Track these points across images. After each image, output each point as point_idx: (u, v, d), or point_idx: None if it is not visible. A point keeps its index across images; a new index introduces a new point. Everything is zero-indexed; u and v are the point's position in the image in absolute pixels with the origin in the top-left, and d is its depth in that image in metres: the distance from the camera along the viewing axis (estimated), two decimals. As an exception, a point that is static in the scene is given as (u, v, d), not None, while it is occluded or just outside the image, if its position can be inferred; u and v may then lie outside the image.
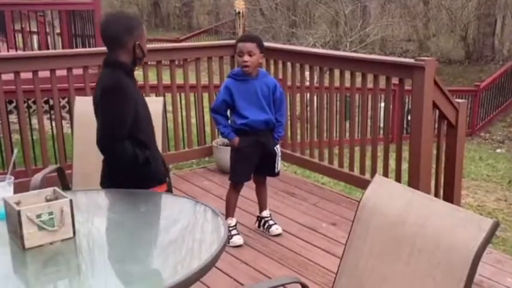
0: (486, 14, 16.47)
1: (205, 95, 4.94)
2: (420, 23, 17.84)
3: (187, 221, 2.12)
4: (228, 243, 3.25)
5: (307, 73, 4.46)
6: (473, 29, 17.17)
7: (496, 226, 1.60)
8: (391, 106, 3.93)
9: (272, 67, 4.63)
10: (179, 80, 4.68)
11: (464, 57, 16.88)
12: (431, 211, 1.74)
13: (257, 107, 3.22)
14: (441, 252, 1.64)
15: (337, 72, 4.15)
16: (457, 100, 3.85)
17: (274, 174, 3.43)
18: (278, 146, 3.38)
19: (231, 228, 3.33)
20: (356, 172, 4.15)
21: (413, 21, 17.61)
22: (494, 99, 12.67)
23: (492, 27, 16.77)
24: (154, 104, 3.21)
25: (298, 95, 4.89)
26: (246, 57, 3.13)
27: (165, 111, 3.42)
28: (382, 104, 4.10)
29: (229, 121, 3.35)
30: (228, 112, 3.36)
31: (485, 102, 12.40)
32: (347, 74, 4.10)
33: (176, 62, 4.72)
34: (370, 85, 4.01)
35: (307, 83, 4.51)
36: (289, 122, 4.65)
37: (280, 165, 3.44)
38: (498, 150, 10.98)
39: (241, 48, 3.15)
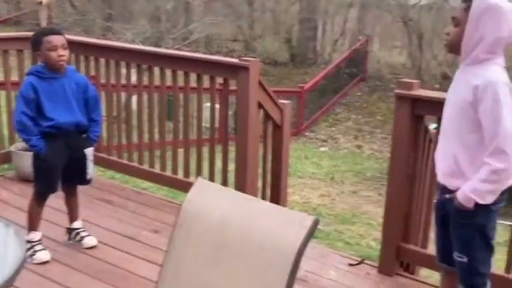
0: (308, 19, 17.88)
1: (2, 93, 4.57)
2: (245, 23, 18.69)
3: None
4: (32, 260, 3.08)
5: (124, 70, 4.38)
6: (296, 32, 18.52)
7: (316, 223, 1.72)
8: (216, 106, 4.05)
9: (83, 64, 4.46)
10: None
11: (289, 59, 18.10)
12: (255, 212, 1.81)
13: (66, 107, 3.08)
14: (265, 253, 1.71)
15: (157, 71, 4.15)
16: (282, 101, 4.11)
17: (85, 181, 3.30)
18: (91, 149, 3.26)
19: (35, 243, 3.14)
20: (180, 175, 4.18)
21: (238, 21, 18.38)
22: (317, 100, 13.85)
23: (314, 31, 18.28)
24: None
25: (114, 94, 4.77)
26: (62, 51, 3.01)
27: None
28: (208, 104, 4.20)
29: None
30: None
31: (309, 103, 13.48)
32: (168, 72, 4.11)
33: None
34: (194, 84, 4.08)
35: (124, 81, 4.43)
36: (105, 124, 4.52)
37: (92, 171, 3.32)
38: (322, 149, 12.02)
39: (54, 42, 2.99)
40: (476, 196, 2.18)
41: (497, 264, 3.35)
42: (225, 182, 3.94)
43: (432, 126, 3.26)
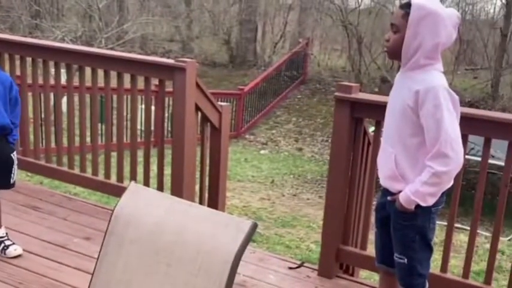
0: (247, 20, 18.02)
1: None
2: (183, 23, 18.60)
3: None
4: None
5: (52, 70, 4.26)
6: (236, 34, 18.61)
7: (254, 227, 1.73)
8: (152, 108, 4.00)
9: (8, 62, 4.31)
10: None
11: (229, 61, 18.16)
12: (190, 217, 1.80)
13: None
14: (201, 259, 1.71)
15: (88, 71, 4.06)
16: (220, 103, 4.11)
17: (9, 185, 3.19)
18: (15, 152, 3.15)
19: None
20: (113, 180, 4.11)
21: (175, 21, 18.26)
22: (257, 103, 13.95)
23: (253, 33, 18.42)
24: None
25: (42, 95, 4.63)
26: None
27: None
28: (142, 106, 4.15)
29: None
30: None
31: (249, 106, 13.57)
32: (101, 73, 4.03)
33: None
34: (128, 85, 4.02)
35: (53, 82, 4.31)
36: (32, 126, 4.38)
37: (16, 175, 3.21)
38: (262, 152, 12.12)
39: None
40: (417, 198, 2.25)
41: (433, 264, 3.48)
42: (161, 187, 3.89)
43: (371, 129, 3.34)
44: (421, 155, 2.27)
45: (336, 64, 17.39)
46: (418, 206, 2.28)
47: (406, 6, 2.23)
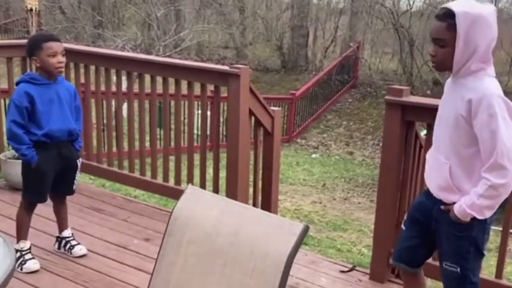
0: (299, 26, 17.98)
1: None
2: (237, 30, 18.74)
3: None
4: (21, 269, 3.06)
5: (114, 78, 4.37)
6: (288, 39, 18.59)
7: (306, 230, 1.73)
8: (208, 113, 4.05)
9: (73, 71, 4.45)
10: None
11: (281, 66, 18.16)
12: (245, 219, 1.81)
13: (60, 115, 3.06)
14: (255, 260, 1.71)
15: (147, 78, 4.15)
16: (272, 108, 4.12)
17: (71, 192, 3.29)
18: (80, 159, 3.26)
19: (24, 253, 3.12)
20: (171, 183, 4.17)
21: (229, 29, 18.41)
22: (309, 107, 13.89)
23: (305, 38, 18.36)
24: None
25: (104, 101, 4.77)
26: (62, 58, 3.00)
27: None
28: (199, 111, 4.20)
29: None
30: None
31: (300, 110, 13.52)
32: (159, 80, 4.11)
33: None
34: (185, 91, 4.08)
35: (114, 89, 4.42)
36: (95, 132, 4.50)
37: (78, 180, 3.30)
38: (313, 156, 12.05)
39: (54, 48, 2.97)
40: (473, 211, 2.17)
41: (488, 270, 3.38)
42: (216, 190, 3.93)
43: (423, 133, 3.27)
44: (477, 165, 2.18)
45: (387, 67, 17.09)
46: (474, 218, 2.20)
47: (448, 17, 2.14)
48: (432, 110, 2.81)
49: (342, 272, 3.38)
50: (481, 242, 2.28)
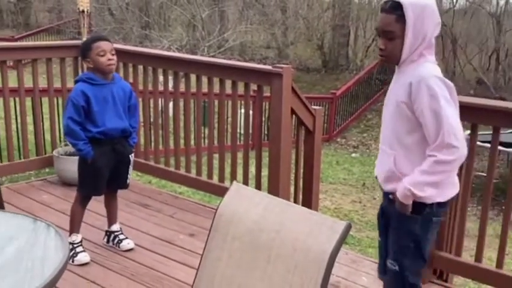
0: (340, 25, 17.82)
1: (45, 100, 4.69)
2: (279, 30, 18.72)
3: (25, 239, 1.98)
4: (72, 261, 3.14)
5: (161, 77, 4.43)
6: (329, 39, 18.46)
7: (348, 228, 1.71)
8: (250, 112, 4.07)
9: (122, 70, 4.54)
10: (12, 84, 4.37)
11: (321, 66, 18.05)
12: (288, 216, 1.81)
13: (114, 113, 3.14)
14: (298, 257, 1.71)
15: (193, 77, 4.19)
16: (314, 107, 4.10)
17: (125, 186, 3.36)
18: (133, 154, 3.32)
19: (75, 245, 3.20)
20: (215, 180, 4.21)
21: (271, 29, 18.41)
22: (349, 107, 13.76)
23: (346, 37, 18.19)
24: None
25: (151, 100, 4.84)
26: (111, 56, 3.08)
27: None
28: (242, 110, 4.22)
29: None
30: None
31: (341, 110, 13.41)
32: (204, 79, 4.15)
33: (11, 63, 4.39)
34: (229, 91, 4.11)
35: (161, 88, 4.49)
36: (142, 129, 4.58)
37: (131, 175, 3.37)
38: (353, 155, 11.92)
39: (103, 47, 3.06)
40: (414, 188, 2.07)
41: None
42: (258, 187, 3.94)
43: (466, 133, 3.19)
44: (421, 154, 2.11)
45: (429, 67, 16.73)
46: (418, 211, 2.12)
47: (395, 9, 2.08)
48: (476, 110, 2.76)
49: (383, 271, 3.34)
50: (423, 241, 2.20)
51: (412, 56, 2.12)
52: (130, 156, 3.28)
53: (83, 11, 5.00)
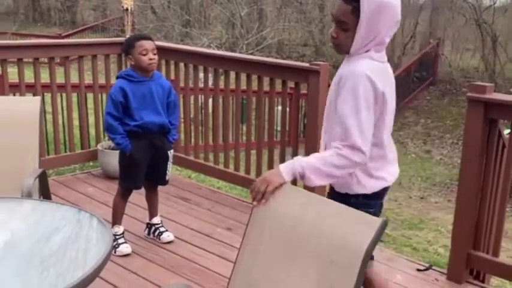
0: (377, 23, 17.55)
1: (90, 96, 4.79)
2: (316, 28, 18.59)
3: (70, 230, 2.03)
4: (115, 252, 3.20)
5: (201, 75, 4.47)
6: (366, 36, 18.20)
7: (384, 225, 1.70)
8: (287, 109, 4.06)
9: (164, 67, 4.59)
10: (60, 80, 4.48)
11: (358, 64, 17.83)
12: (325, 212, 1.81)
13: (152, 109, 3.18)
14: (334, 252, 1.70)
15: (232, 75, 4.21)
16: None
17: (164, 182, 3.40)
18: (172, 151, 3.36)
19: (118, 237, 3.27)
20: (252, 175, 4.22)
21: (309, 27, 18.31)
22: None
23: (384, 35, 17.90)
24: (30, 103, 3.08)
25: (192, 97, 4.89)
26: (153, 56, 3.12)
27: (43, 112, 3.26)
28: (279, 107, 4.22)
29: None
30: None
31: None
32: (243, 77, 4.16)
33: (57, 60, 4.51)
34: (266, 88, 4.11)
35: (202, 85, 4.52)
36: (182, 125, 4.63)
37: (170, 171, 3.41)
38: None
39: (145, 46, 3.10)
40: (301, 167, 1.96)
41: None
42: (294, 183, 3.92)
43: (506, 131, 3.11)
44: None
45: (468, 64, 16.36)
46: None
47: (352, 0, 1.95)
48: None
49: (419, 270, 3.29)
50: None
51: (360, 50, 2.01)
52: (169, 152, 3.32)
53: (127, 9, 5.08)
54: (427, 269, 3.30)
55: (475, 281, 3.18)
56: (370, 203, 2.16)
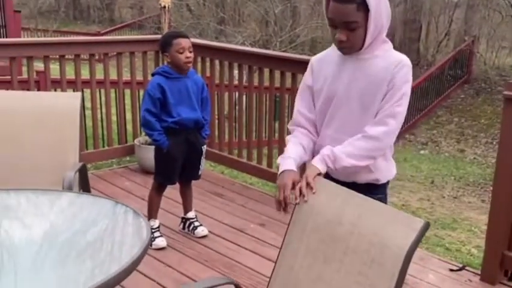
0: (412, 20, 17.28)
1: (127, 92, 4.85)
2: (349, 25, 18.38)
3: (107, 223, 2.05)
4: (151, 245, 3.22)
5: (235, 71, 4.47)
6: (400, 34, 17.94)
7: (426, 227, 1.66)
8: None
9: (199, 64, 4.61)
10: (99, 76, 4.56)
11: (392, 61, 17.56)
12: (366, 210, 1.78)
13: (188, 105, 3.20)
14: (374, 251, 1.68)
15: (266, 72, 4.20)
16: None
17: (197, 177, 3.42)
18: (205, 146, 3.38)
19: (153, 230, 3.29)
20: (285, 173, 4.20)
21: (342, 24, 18.10)
22: (418, 103, 13.30)
23: (417, 32, 17.62)
24: (71, 99, 3.12)
25: (226, 93, 4.90)
26: (189, 54, 3.14)
27: (83, 107, 3.31)
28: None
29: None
30: None
31: (410, 105, 12.89)
32: (277, 74, 4.15)
33: (96, 57, 4.58)
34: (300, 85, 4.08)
35: (236, 82, 4.52)
36: (216, 121, 4.64)
37: (203, 166, 3.42)
38: (422, 152, 11.55)
39: (182, 45, 3.12)
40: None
41: None
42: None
43: None
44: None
45: (504, 62, 15.94)
46: None
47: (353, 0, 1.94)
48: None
49: (452, 270, 3.23)
50: None
51: (374, 47, 2.03)
52: (202, 147, 3.33)
53: (164, 7, 5.11)
54: (460, 269, 3.24)
55: (510, 282, 3.10)
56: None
